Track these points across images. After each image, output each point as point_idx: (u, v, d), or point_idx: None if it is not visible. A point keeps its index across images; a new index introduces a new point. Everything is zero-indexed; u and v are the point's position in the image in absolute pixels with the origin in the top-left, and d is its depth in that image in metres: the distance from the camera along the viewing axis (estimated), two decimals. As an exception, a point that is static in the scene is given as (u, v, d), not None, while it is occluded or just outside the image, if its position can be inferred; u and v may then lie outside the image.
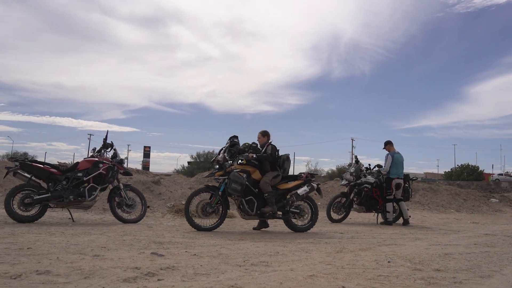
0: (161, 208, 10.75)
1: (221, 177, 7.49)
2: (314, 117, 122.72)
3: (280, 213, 7.70)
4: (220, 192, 7.38)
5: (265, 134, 7.98)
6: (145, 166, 60.13)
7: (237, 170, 7.39)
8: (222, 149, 7.71)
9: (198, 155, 53.72)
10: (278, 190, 7.64)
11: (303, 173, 8.03)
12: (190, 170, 46.18)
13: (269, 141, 7.90)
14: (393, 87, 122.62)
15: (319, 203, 14.51)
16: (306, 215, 7.89)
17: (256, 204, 7.42)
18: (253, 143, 7.82)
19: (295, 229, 7.76)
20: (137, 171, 15.84)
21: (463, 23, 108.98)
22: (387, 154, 10.47)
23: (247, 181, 7.36)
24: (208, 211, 7.29)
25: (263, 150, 7.77)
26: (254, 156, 7.55)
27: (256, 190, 7.48)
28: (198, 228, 7.22)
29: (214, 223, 7.38)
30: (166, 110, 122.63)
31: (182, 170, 53.13)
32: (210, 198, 7.41)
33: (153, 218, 9.44)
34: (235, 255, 4.82)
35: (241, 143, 7.84)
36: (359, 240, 6.83)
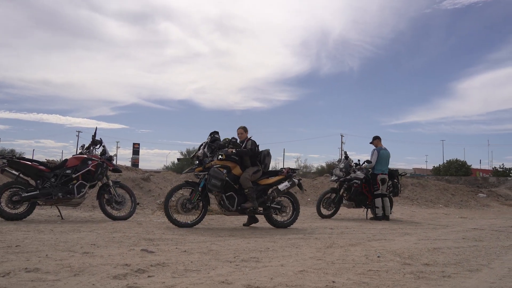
0: (151, 205, 10.71)
1: (201, 173, 7.48)
2: (304, 113, 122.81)
3: (261, 208, 7.71)
4: (200, 188, 7.36)
5: (246, 130, 8.01)
6: (135, 163, 59.82)
7: (217, 165, 7.36)
8: (202, 144, 7.70)
9: (188, 151, 53.67)
10: (259, 186, 7.64)
11: (284, 168, 8.05)
12: (180, 167, 46.05)
13: (249, 137, 7.91)
14: (381, 83, 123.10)
15: (308, 199, 14.57)
16: (288, 211, 7.90)
17: (236, 200, 7.42)
18: (233, 138, 7.76)
19: (276, 224, 7.76)
20: (127, 168, 15.76)
21: (450, 19, 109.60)
22: (374, 149, 10.56)
23: (227, 177, 7.34)
24: (188, 207, 7.25)
25: (243, 146, 7.78)
26: (234, 151, 7.53)
27: (237, 185, 7.47)
28: (177, 224, 7.17)
29: (194, 219, 7.35)
30: (155, 106, 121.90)
31: (172, 167, 53.01)
32: (190, 194, 7.40)
33: (143, 215, 9.41)
34: (226, 251, 4.82)
35: (233, 139, 7.83)
36: (349, 235, 6.87)
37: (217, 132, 7.91)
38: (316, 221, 9.39)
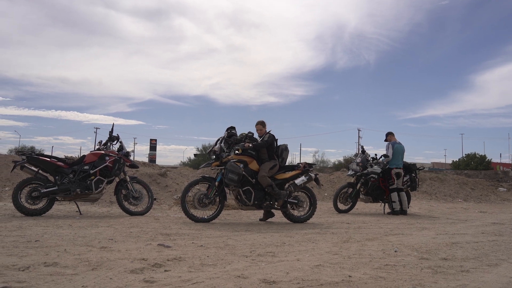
0: (167, 200, 10.79)
1: (217, 167, 7.51)
2: (320, 108, 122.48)
3: (277, 203, 7.72)
4: (216, 183, 7.39)
5: (264, 124, 7.99)
6: (152, 158, 60.26)
7: (234, 160, 7.39)
8: (219, 139, 7.71)
9: (204, 147, 53.85)
10: (276, 180, 7.64)
11: (301, 163, 8.03)
12: (197, 162, 46.26)
13: (268, 130, 7.89)
14: (398, 76, 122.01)
15: (325, 194, 14.51)
16: (305, 206, 7.89)
17: (253, 194, 7.43)
18: (249, 132, 7.78)
19: (293, 219, 7.76)
20: (144, 163, 15.89)
21: (467, 11, 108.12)
22: (388, 143, 10.54)
23: (244, 171, 7.36)
24: (205, 202, 7.28)
25: (260, 139, 7.78)
26: (250, 145, 7.54)
27: (254, 180, 7.48)
28: (194, 219, 7.22)
29: (211, 214, 7.39)
30: (171, 102, 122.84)
31: (189, 162, 53.27)
32: (207, 189, 7.43)
33: (160, 210, 9.49)
34: (242, 246, 4.83)
35: (249, 134, 7.84)
36: (366, 230, 6.83)
37: (233, 128, 7.91)
38: (333, 216, 9.35)
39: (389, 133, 10.80)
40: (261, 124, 7.96)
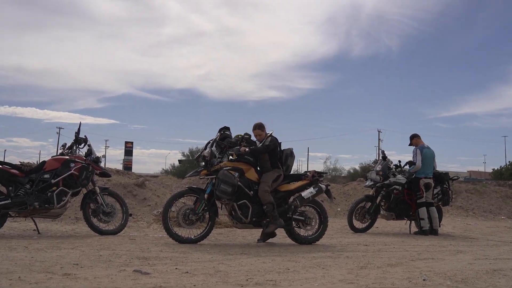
0: (146, 216, 10.77)
1: (207, 177, 7.49)
2: (332, 104, 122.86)
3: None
4: (206, 195, 7.39)
5: (263, 128, 7.91)
6: (127, 165, 60.26)
7: (227, 168, 7.37)
8: (209, 142, 7.70)
9: (191, 152, 53.98)
10: (278, 193, 7.64)
11: (309, 171, 8.03)
12: (182, 170, 46.32)
13: (269, 133, 7.86)
14: (427, 66, 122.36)
15: (338, 209, 14.51)
16: (313, 223, 7.90)
17: (251, 209, 7.42)
18: (246, 134, 7.75)
19: (299, 240, 7.77)
20: (117, 171, 15.85)
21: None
22: (415, 148, 10.50)
23: (240, 182, 7.34)
24: (192, 219, 7.28)
25: (260, 144, 7.76)
26: (247, 149, 7.51)
27: (251, 192, 7.47)
28: (179, 239, 7.21)
29: (199, 234, 7.39)
30: (151, 97, 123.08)
31: (172, 170, 53.37)
32: (194, 203, 7.41)
33: (137, 228, 9.47)
34: (236, 273, 4.81)
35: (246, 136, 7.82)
36: (388, 253, 6.83)
37: (227, 128, 7.91)
38: (348, 236, 9.35)
39: (415, 136, 10.76)
40: (259, 128, 7.88)
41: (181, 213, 7.29)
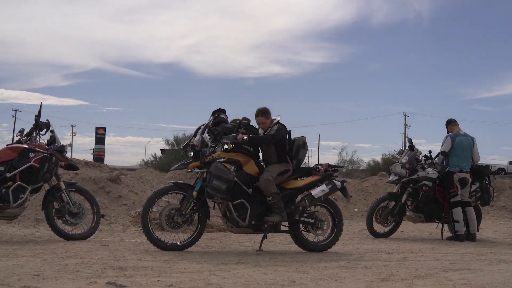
0: (121, 217, 10.79)
1: (197, 170, 7.48)
2: (349, 83, 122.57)
3: (286, 223, 7.75)
4: (195, 193, 7.36)
5: (268, 114, 7.80)
6: (98, 156, 60.36)
7: (222, 159, 7.35)
8: (200, 128, 7.64)
9: (177, 140, 53.91)
10: (284, 191, 7.62)
11: (320, 164, 8.02)
12: (165, 162, 46.31)
13: (276, 119, 7.78)
14: (464, 36, 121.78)
15: (355, 210, 14.55)
16: (325, 227, 7.91)
17: (249, 210, 7.41)
18: (244, 118, 7.63)
19: (308, 246, 7.81)
20: (86, 163, 15.86)
21: None
22: (446, 136, 10.47)
23: (237, 177, 7.34)
24: (177, 221, 7.24)
25: (265, 133, 7.75)
26: (245, 137, 7.46)
27: (250, 190, 7.46)
28: (162, 246, 7.22)
29: (187, 239, 7.41)
30: (128, 73, 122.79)
31: (154, 162, 53.32)
32: (180, 202, 7.42)
33: (110, 232, 9.50)
34: (231, 286, 4.83)
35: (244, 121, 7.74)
36: (415, 263, 6.86)
37: (223, 111, 7.89)
38: (367, 242, 9.38)
39: (451, 121, 10.71)
40: (263, 115, 7.76)
41: (165, 214, 7.27)
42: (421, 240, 10.22)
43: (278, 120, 7.77)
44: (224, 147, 7.57)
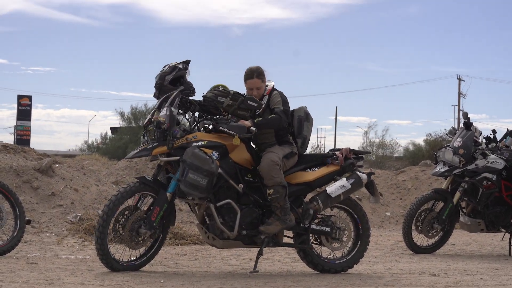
0: (55, 224, 10.82)
1: (163, 159, 7.42)
2: (377, 32, 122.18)
3: (290, 232, 7.79)
4: (169, 195, 7.29)
5: (263, 77, 7.79)
6: (22, 137, 60.35)
7: (200, 143, 7.31)
8: (166, 97, 7.54)
9: (134, 113, 53.87)
10: (288, 187, 7.55)
11: (339, 150, 8.00)
12: (118, 146, 46.39)
13: (269, 86, 7.78)
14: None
15: (387, 213, 14.61)
16: (344, 238, 7.96)
17: (239, 215, 7.39)
18: (221, 85, 7.56)
19: (320, 266, 7.82)
20: (4, 147, 15.89)
21: None
22: None
23: (221, 167, 7.32)
24: (143, 234, 7.23)
25: (264, 104, 7.65)
26: (250, 124, 7.36)
27: (241, 185, 7.47)
28: (117, 267, 7.23)
29: (143, 255, 7.45)
30: (63, 18, 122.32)
31: (100, 146, 53.36)
32: (148, 209, 7.37)
33: (40, 244, 9.52)
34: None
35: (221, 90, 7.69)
36: (471, 289, 6.90)
37: (186, 63, 7.80)
38: (403, 259, 9.43)
39: None
40: (259, 77, 7.74)
41: (128, 225, 7.26)
42: (480, 256, 10.28)
43: (273, 86, 7.79)
44: (207, 125, 7.51)
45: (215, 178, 7.11)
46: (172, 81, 7.47)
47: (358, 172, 7.85)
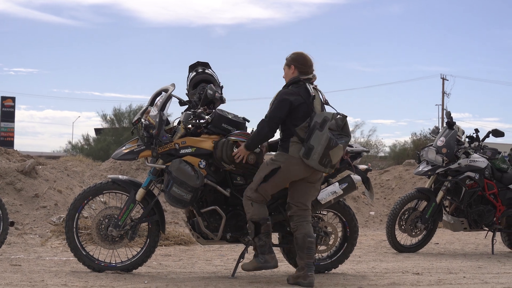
0: (39, 225, 10.80)
1: (150, 164, 7.38)
2: (360, 32, 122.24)
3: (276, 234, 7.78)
4: (142, 190, 7.27)
5: (291, 62, 7.33)
6: (5, 138, 60.10)
7: (188, 150, 7.20)
8: (156, 95, 7.54)
9: (117, 114, 53.69)
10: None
11: None
12: (102, 147, 46.26)
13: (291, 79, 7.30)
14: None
15: (371, 213, 14.64)
16: (331, 240, 7.92)
17: (224, 220, 7.32)
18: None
19: None
20: (-12, 149, 15.87)
21: None
22: None
23: (209, 174, 7.26)
24: (111, 233, 7.21)
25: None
26: (244, 145, 7.08)
27: (229, 190, 7.39)
28: (93, 266, 7.23)
29: (130, 258, 7.42)
30: (46, 19, 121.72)
31: (85, 147, 53.17)
32: (122, 207, 7.32)
33: (23, 246, 9.52)
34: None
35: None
36: (454, 287, 6.95)
37: (205, 64, 7.74)
38: (387, 258, 9.46)
39: None
40: (287, 63, 7.35)
41: (96, 222, 7.25)
42: (463, 255, 10.32)
43: (291, 80, 7.28)
44: (187, 127, 7.43)
45: (199, 192, 7.06)
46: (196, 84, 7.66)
47: (351, 175, 7.66)
